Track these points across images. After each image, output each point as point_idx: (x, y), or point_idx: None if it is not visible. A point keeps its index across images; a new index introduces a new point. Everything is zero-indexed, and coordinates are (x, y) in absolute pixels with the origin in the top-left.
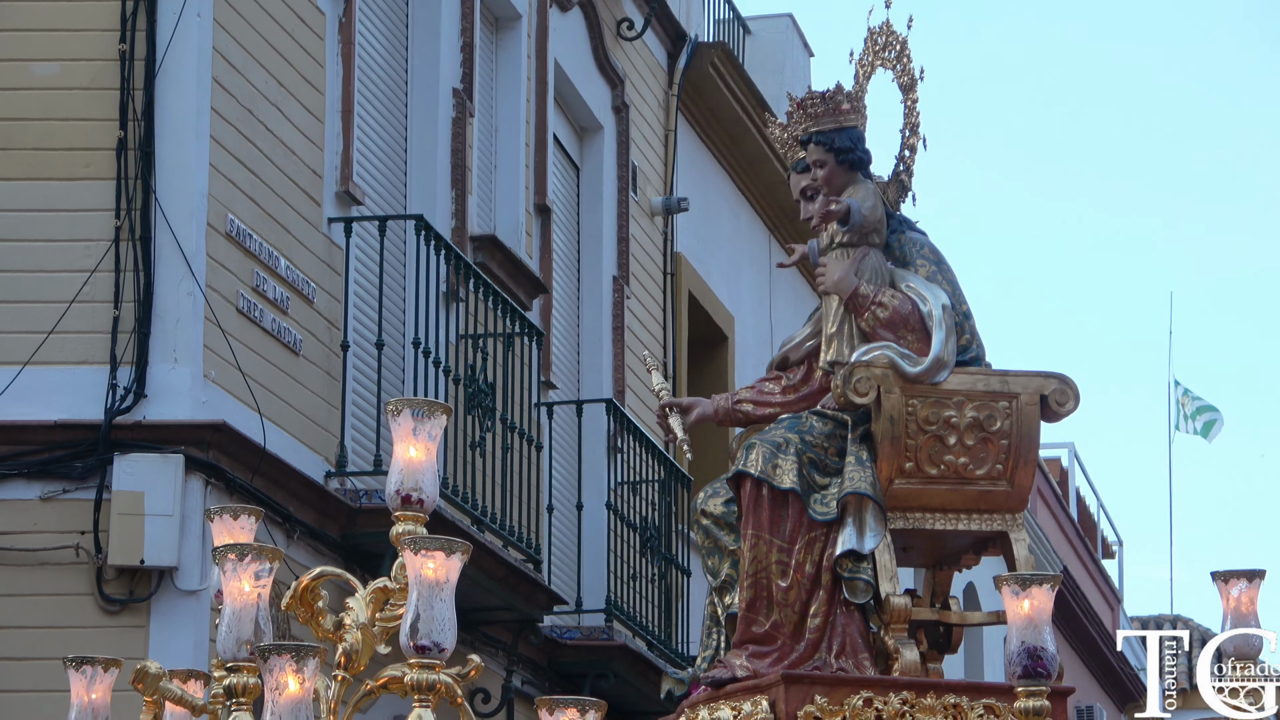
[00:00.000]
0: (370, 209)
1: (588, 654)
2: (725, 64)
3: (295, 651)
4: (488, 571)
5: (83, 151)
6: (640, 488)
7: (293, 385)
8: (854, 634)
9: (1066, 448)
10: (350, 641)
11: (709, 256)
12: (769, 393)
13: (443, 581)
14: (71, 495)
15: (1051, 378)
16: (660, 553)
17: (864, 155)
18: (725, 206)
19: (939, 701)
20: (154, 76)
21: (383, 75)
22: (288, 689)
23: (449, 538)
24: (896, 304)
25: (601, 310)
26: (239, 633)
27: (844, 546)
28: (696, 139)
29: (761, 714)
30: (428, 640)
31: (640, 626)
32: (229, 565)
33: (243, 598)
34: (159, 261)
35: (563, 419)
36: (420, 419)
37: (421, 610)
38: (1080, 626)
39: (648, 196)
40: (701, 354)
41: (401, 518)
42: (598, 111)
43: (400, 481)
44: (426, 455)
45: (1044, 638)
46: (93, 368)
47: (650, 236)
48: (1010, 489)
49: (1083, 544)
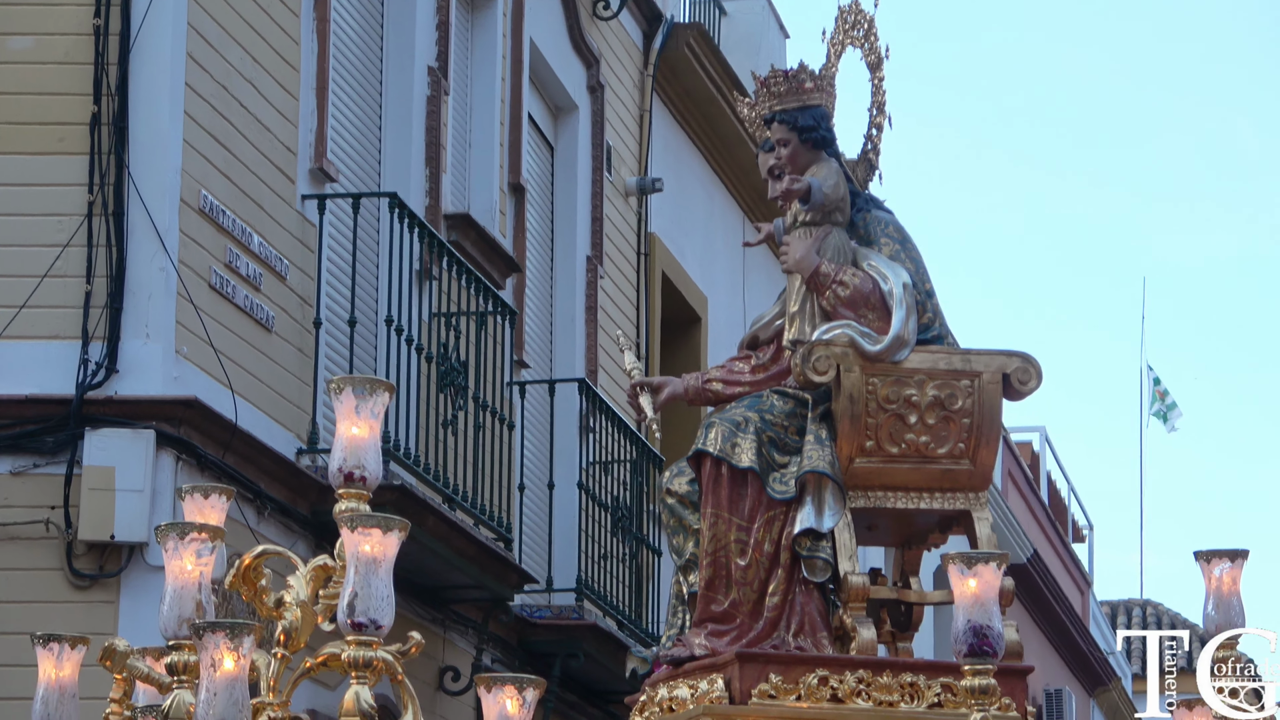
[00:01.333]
0: (344, 186)
1: (558, 633)
2: (701, 45)
3: (230, 629)
4: (459, 550)
5: (56, 126)
6: (612, 467)
7: (265, 362)
8: (813, 612)
9: (1038, 431)
10: (290, 619)
11: (683, 237)
12: (739, 372)
13: (380, 559)
14: (42, 470)
15: (1014, 356)
16: (631, 532)
17: (827, 134)
18: (699, 187)
19: (895, 680)
20: (128, 51)
21: (358, 52)
22: (223, 666)
23: (386, 515)
24: (857, 282)
25: (575, 290)
26: (180, 611)
27: (802, 525)
28: (671, 119)
29: (717, 692)
30: (364, 617)
31: (611, 606)
32: (170, 544)
33: (184, 576)
34: (132, 237)
35: (535, 398)
36: (362, 397)
37: (359, 588)
38: (1050, 610)
39: (622, 176)
40: (675, 334)
41: (344, 495)
42: (573, 91)
43: (343, 459)
44: (370, 433)
45: (991, 616)
46: (64, 342)
47: (624, 216)
48: (973, 468)
49: (1053, 527)
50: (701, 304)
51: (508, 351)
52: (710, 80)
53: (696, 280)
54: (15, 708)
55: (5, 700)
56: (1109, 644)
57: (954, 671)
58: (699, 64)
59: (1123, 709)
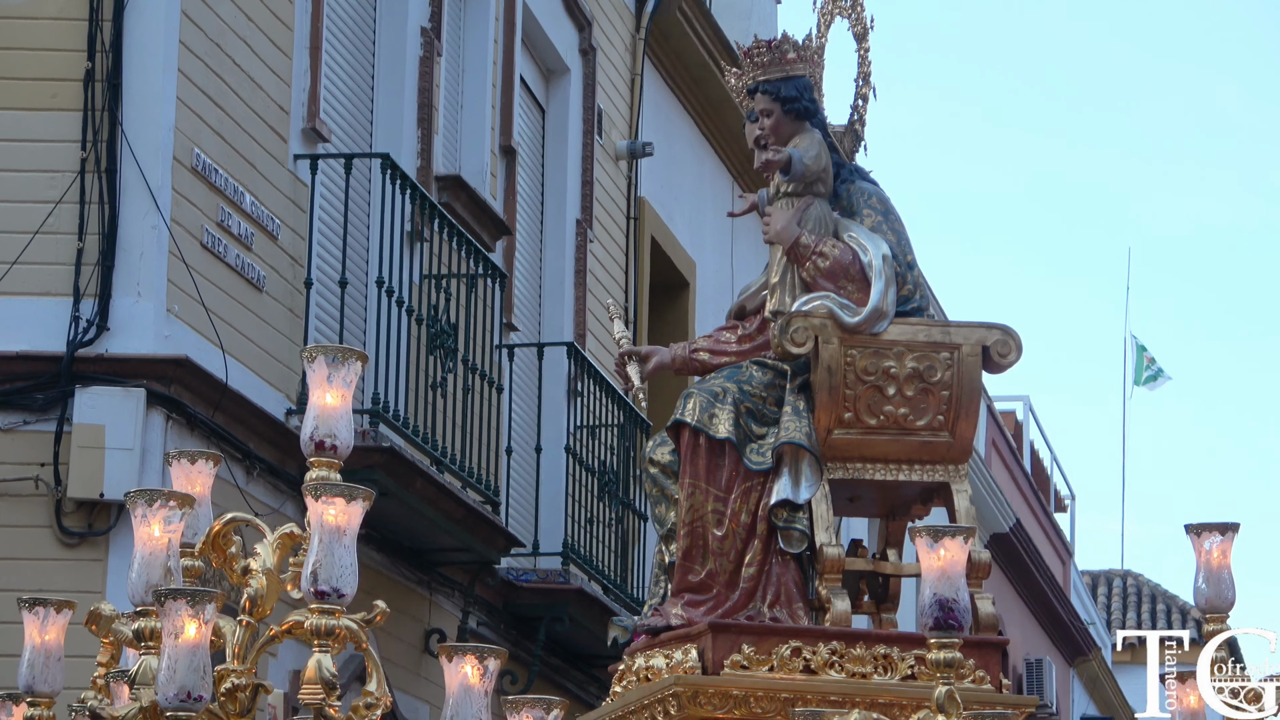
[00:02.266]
0: (336, 146)
1: (544, 597)
2: (693, 9)
3: (191, 596)
4: (446, 512)
5: (49, 82)
6: (599, 432)
7: (255, 322)
8: (789, 584)
9: (1021, 401)
10: (255, 586)
11: (672, 202)
12: (725, 342)
13: (344, 528)
14: (32, 427)
15: (994, 328)
16: (618, 497)
17: (810, 104)
18: (689, 152)
19: (869, 652)
20: (123, 8)
21: (351, 12)
22: (185, 633)
23: (350, 484)
24: (837, 254)
25: (564, 253)
26: (149, 577)
27: (778, 496)
28: (662, 84)
29: (690, 662)
30: (327, 586)
31: (597, 570)
32: (139, 511)
33: (152, 543)
34: (124, 194)
35: (523, 361)
36: (335, 365)
37: (322, 556)
38: (1031, 580)
39: (612, 140)
40: (663, 299)
41: (316, 464)
42: (565, 54)
43: (315, 427)
44: (342, 402)
45: (957, 590)
46: (55, 299)
47: (614, 180)
48: (952, 440)
49: (1035, 497)
50: (690, 269)
51: (497, 314)
52: (702, 45)
53: (685, 245)
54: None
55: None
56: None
57: (927, 644)
58: (691, 28)
59: (1103, 679)
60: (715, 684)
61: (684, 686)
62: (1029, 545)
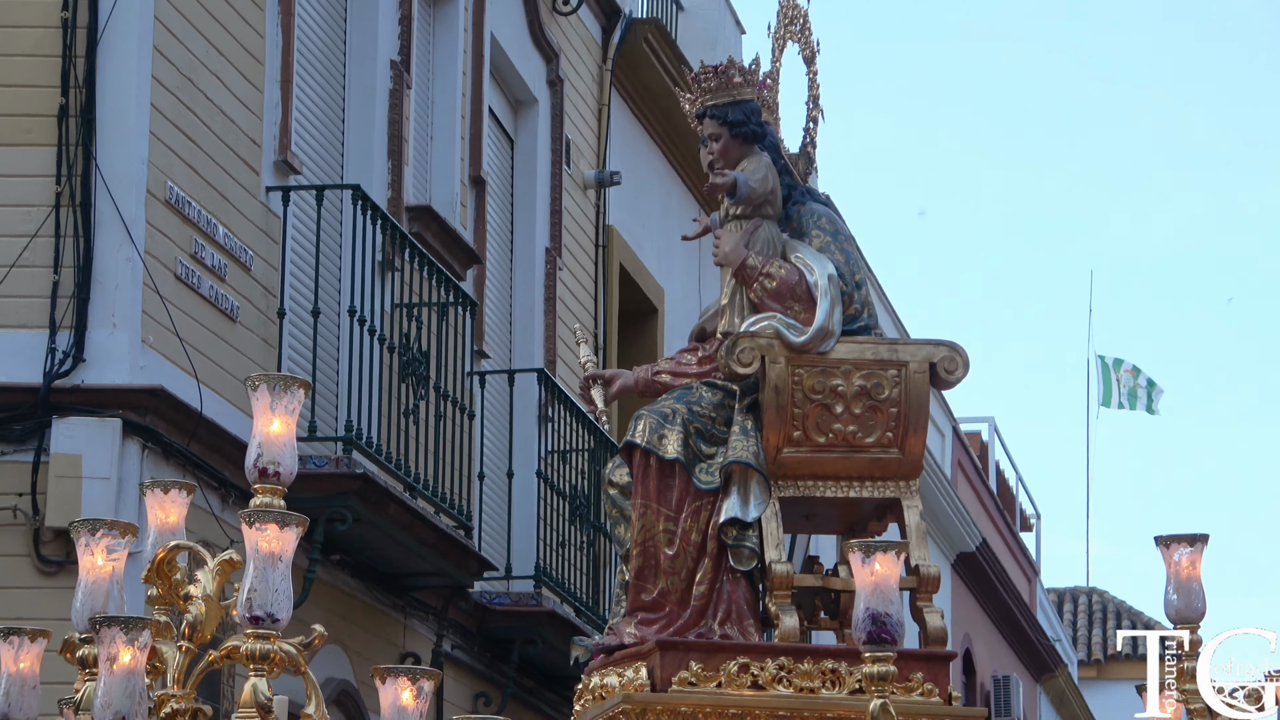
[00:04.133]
0: (308, 178)
1: (517, 619)
2: (658, 40)
3: (125, 623)
4: (419, 538)
5: (24, 118)
6: (570, 456)
7: (229, 352)
8: (739, 601)
9: (987, 422)
10: (194, 612)
11: (640, 230)
12: (686, 364)
13: (278, 553)
14: (10, 458)
15: (941, 345)
16: (589, 520)
17: (758, 128)
18: (657, 181)
19: (816, 666)
20: (95, 44)
21: (321, 46)
22: (120, 660)
23: (284, 511)
24: (784, 274)
25: (534, 281)
26: (92, 605)
27: (726, 515)
28: (629, 114)
29: (641, 680)
30: (261, 611)
31: (568, 593)
32: (83, 540)
33: (96, 571)
34: (99, 227)
35: (495, 388)
36: (278, 394)
37: (256, 582)
38: (998, 598)
39: (581, 170)
40: (632, 325)
41: (260, 490)
42: (533, 85)
43: (259, 455)
44: (286, 429)
45: (890, 604)
46: (32, 331)
47: (583, 209)
48: (902, 456)
49: (1001, 516)
50: (659, 295)
51: (468, 342)
52: (668, 75)
53: (654, 272)
54: None
55: None
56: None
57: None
58: (657, 59)
59: (1069, 695)
60: (663, 701)
61: (632, 704)
62: (995, 564)
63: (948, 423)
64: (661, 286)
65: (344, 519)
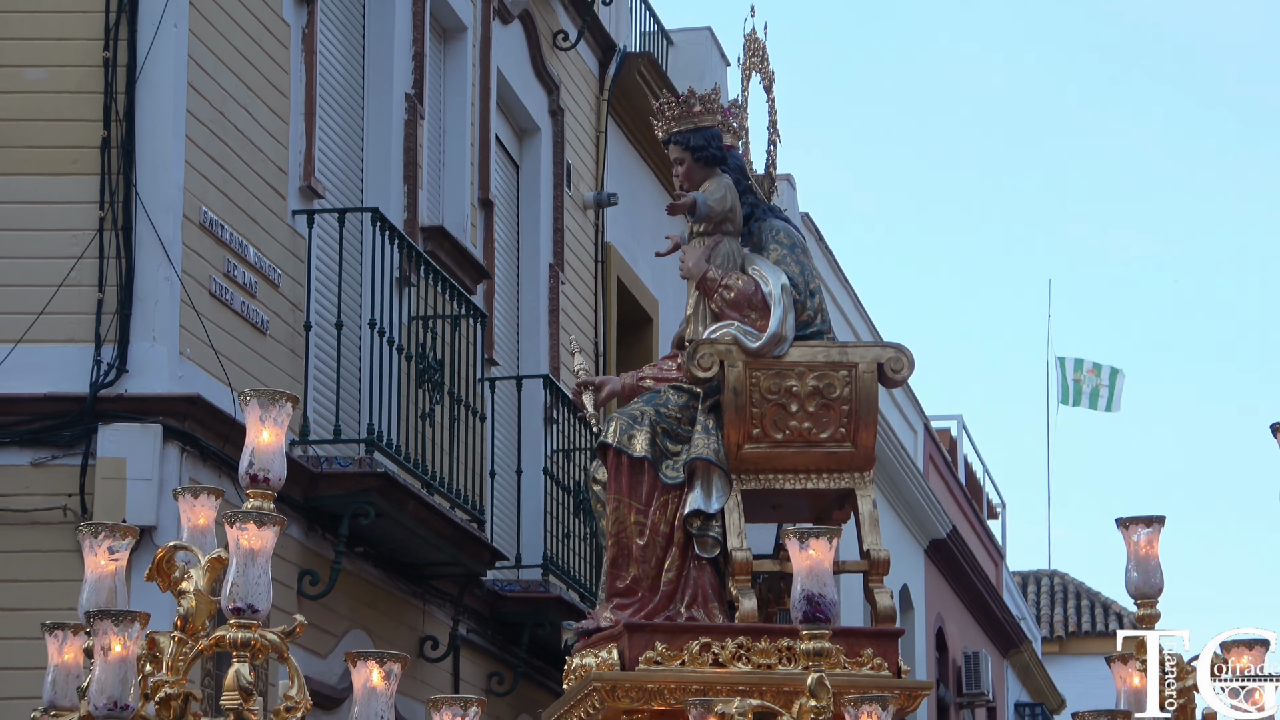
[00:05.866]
0: (330, 202)
1: (527, 605)
2: (651, 72)
3: (115, 616)
4: (436, 530)
5: (70, 149)
6: (573, 455)
7: (260, 362)
8: (705, 585)
9: (956, 419)
10: (187, 605)
11: (636, 246)
12: (667, 369)
13: (258, 550)
14: (60, 461)
15: (888, 347)
16: (592, 513)
17: (718, 152)
18: (651, 201)
19: (773, 644)
20: (134, 81)
21: (342, 81)
22: (113, 650)
23: (262, 512)
24: (741, 285)
25: (539, 295)
26: (96, 600)
27: (691, 507)
28: (625, 140)
29: (612, 660)
30: (242, 602)
31: (574, 580)
32: (87, 542)
33: (99, 569)
34: (139, 249)
35: (504, 393)
36: (266, 406)
37: (238, 576)
38: (968, 580)
39: (580, 192)
40: (629, 334)
41: (252, 495)
42: (535, 115)
43: (250, 463)
44: (275, 439)
45: (824, 585)
46: (79, 346)
47: (583, 228)
48: (855, 450)
49: (970, 506)
50: (653, 306)
51: (479, 351)
52: None
53: (648, 285)
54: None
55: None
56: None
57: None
58: (649, 90)
59: (1033, 668)
60: (630, 679)
61: (602, 682)
62: (965, 549)
63: (920, 420)
64: (655, 298)
65: (367, 514)
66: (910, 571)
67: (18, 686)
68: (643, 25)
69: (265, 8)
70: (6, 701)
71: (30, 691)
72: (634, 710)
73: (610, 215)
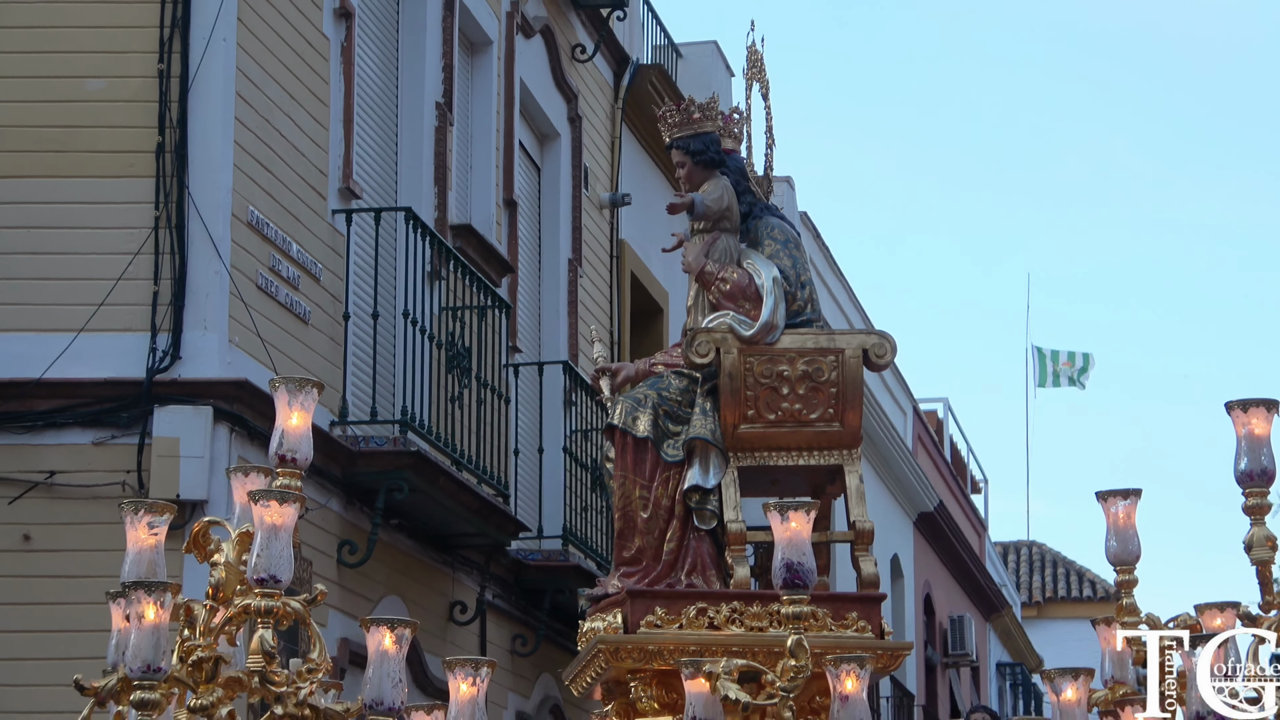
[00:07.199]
0: (367, 202)
1: (548, 573)
2: (661, 82)
3: (149, 587)
4: (465, 504)
5: (127, 154)
6: (591, 435)
7: (303, 349)
8: (704, 555)
9: (942, 402)
10: (217, 576)
11: (648, 243)
12: (676, 356)
13: (280, 525)
14: (119, 441)
15: (872, 334)
16: (608, 488)
17: (716, 155)
18: (662, 201)
19: (765, 609)
20: (187, 91)
21: (377, 90)
22: (146, 617)
23: (284, 490)
24: (736, 278)
25: (559, 287)
26: (138, 570)
27: (689, 482)
28: (637, 145)
29: (616, 624)
30: (265, 573)
31: (591, 550)
32: (129, 518)
33: (140, 542)
34: (191, 246)
35: (526, 378)
36: (293, 393)
37: (261, 549)
38: (953, 550)
39: (597, 193)
40: (641, 324)
41: (282, 474)
42: (555, 121)
43: (279, 444)
44: (303, 422)
45: (803, 554)
46: (136, 334)
47: (599, 226)
48: (842, 429)
49: (955, 482)
50: (664, 298)
51: (504, 339)
52: None
53: (659, 278)
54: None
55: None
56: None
57: (813, 600)
58: (660, 98)
59: (1014, 631)
60: (633, 641)
61: (607, 644)
62: (950, 522)
63: (909, 403)
64: (666, 290)
65: (401, 489)
66: (900, 542)
67: (82, 648)
68: (654, 39)
69: (307, 23)
70: (72, 661)
71: (94, 652)
72: (637, 670)
73: (624, 214)
